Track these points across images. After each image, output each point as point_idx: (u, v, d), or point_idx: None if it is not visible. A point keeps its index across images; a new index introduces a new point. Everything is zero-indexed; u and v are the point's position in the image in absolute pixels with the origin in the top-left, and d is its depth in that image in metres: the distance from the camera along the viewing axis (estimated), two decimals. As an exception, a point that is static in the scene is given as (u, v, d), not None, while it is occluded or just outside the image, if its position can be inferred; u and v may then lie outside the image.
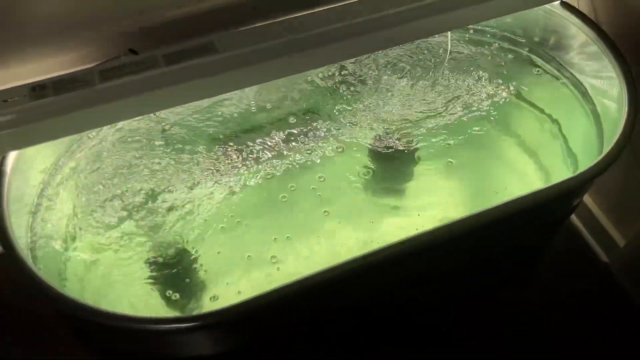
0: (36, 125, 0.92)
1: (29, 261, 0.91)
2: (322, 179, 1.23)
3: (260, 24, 1.08)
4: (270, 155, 1.24)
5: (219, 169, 1.21)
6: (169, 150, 1.21)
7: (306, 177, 1.23)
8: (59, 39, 1.12)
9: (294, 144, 1.26)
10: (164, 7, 1.15)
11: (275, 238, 1.15)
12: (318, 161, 1.25)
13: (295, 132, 1.28)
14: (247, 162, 1.23)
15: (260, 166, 1.23)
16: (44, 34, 1.10)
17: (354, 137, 1.27)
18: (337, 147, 1.26)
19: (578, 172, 1.01)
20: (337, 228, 1.17)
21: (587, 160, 1.08)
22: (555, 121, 1.30)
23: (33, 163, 1.10)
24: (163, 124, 1.24)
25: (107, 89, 0.95)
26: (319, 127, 1.29)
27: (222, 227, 1.15)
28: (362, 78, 1.34)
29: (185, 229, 1.13)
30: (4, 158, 0.98)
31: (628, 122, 1.04)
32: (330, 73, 1.34)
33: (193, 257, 1.12)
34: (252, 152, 1.24)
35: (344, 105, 1.31)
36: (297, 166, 1.24)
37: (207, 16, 1.19)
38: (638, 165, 1.35)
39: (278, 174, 1.23)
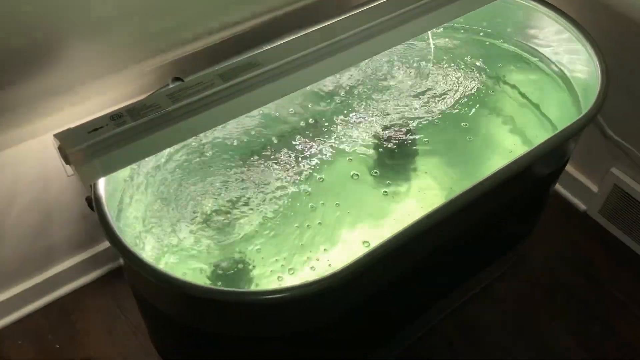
0: (125, 148, 1.03)
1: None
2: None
3: (289, 39, 1.23)
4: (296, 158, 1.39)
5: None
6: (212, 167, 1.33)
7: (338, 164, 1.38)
8: (112, 76, 1.23)
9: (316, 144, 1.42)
10: (202, 36, 1.29)
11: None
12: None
13: (312, 135, 1.43)
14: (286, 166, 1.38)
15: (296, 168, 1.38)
16: (99, 74, 1.21)
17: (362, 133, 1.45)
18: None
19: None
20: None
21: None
22: (536, 104, 1.51)
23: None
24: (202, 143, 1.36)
25: (178, 109, 1.08)
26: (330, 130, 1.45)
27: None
28: (360, 82, 1.52)
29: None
30: (96, 184, 1.07)
31: (603, 86, 1.26)
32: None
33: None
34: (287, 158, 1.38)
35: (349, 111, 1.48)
36: (323, 160, 1.40)
37: (234, 40, 1.34)
38: (596, 124, 1.61)
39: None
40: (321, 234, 1.27)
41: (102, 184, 1.07)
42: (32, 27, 1.06)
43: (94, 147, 1.02)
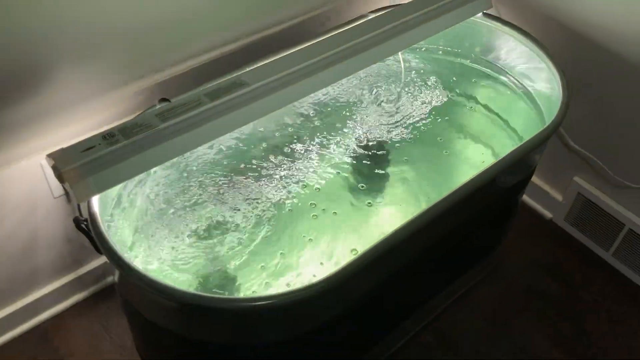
0: (117, 166, 1.06)
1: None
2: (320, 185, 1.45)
3: (272, 59, 1.28)
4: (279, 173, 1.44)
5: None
6: (195, 182, 1.37)
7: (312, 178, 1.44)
8: (100, 99, 1.26)
9: (299, 160, 1.47)
10: (186, 59, 1.33)
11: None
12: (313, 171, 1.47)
13: (296, 150, 1.48)
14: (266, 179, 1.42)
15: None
16: (87, 97, 1.24)
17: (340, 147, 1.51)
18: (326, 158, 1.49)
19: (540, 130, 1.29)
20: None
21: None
22: (504, 119, 1.60)
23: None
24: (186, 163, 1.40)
25: (168, 128, 1.11)
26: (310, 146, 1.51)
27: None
28: (339, 103, 1.59)
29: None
30: (90, 201, 1.10)
31: (564, 100, 1.35)
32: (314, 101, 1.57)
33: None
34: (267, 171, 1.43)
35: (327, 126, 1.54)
36: (301, 176, 1.45)
37: (217, 62, 1.39)
38: (559, 136, 1.71)
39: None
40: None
41: (95, 201, 1.09)
42: (21, 53, 1.09)
43: (87, 166, 1.04)
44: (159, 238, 1.27)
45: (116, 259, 1.01)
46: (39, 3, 1.03)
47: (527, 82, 1.55)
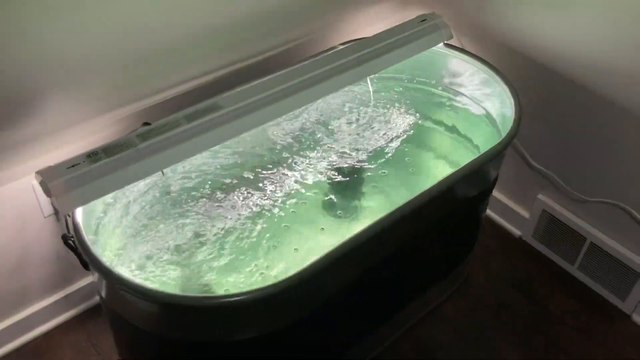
0: (99, 181, 1.16)
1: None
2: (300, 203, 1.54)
3: (246, 86, 1.40)
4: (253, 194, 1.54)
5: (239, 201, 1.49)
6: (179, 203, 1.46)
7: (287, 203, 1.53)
8: (86, 124, 1.37)
9: (272, 185, 1.56)
10: (172, 86, 1.46)
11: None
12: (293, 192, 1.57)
13: (274, 174, 1.58)
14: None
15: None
16: (74, 122, 1.35)
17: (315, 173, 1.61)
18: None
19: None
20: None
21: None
22: (467, 138, 1.71)
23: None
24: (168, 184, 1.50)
25: (147, 147, 1.22)
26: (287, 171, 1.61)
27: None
28: (311, 130, 1.70)
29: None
30: (73, 213, 1.19)
31: (516, 117, 1.46)
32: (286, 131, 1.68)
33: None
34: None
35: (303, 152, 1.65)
36: (278, 197, 1.55)
37: (197, 90, 1.51)
38: (521, 156, 1.81)
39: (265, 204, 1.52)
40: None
41: (79, 212, 1.18)
42: (11, 82, 1.19)
43: (72, 181, 1.15)
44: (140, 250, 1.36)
45: (98, 264, 1.10)
46: (27, 36, 1.16)
47: (487, 104, 1.66)
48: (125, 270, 1.33)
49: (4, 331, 1.54)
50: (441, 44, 1.68)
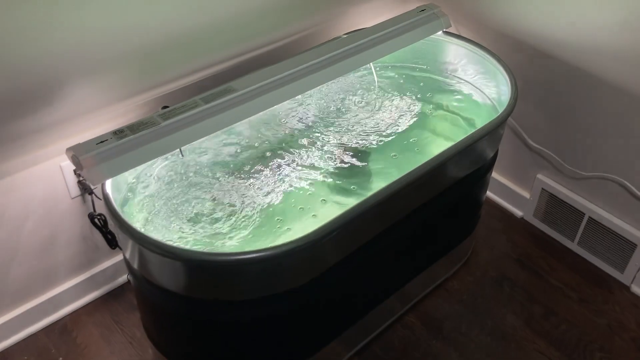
0: (126, 155, 1.26)
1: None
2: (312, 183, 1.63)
3: (258, 71, 1.50)
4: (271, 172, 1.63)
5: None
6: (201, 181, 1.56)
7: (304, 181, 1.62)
8: (110, 108, 1.48)
9: (284, 167, 1.66)
10: (190, 74, 1.57)
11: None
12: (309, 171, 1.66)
13: (290, 154, 1.68)
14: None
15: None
16: (97, 107, 1.46)
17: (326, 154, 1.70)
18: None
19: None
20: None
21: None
22: (467, 119, 1.80)
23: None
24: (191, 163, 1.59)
25: (168, 125, 1.32)
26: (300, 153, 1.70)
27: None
28: (317, 114, 1.79)
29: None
30: (103, 184, 1.29)
31: (513, 95, 1.55)
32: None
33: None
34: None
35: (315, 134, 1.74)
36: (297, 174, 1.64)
37: (212, 78, 1.61)
38: (520, 138, 1.90)
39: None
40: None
41: (108, 184, 1.28)
42: (38, 70, 1.31)
43: (101, 155, 1.25)
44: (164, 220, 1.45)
45: (127, 227, 1.19)
46: (53, 28, 1.27)
47: (485, 88, 1.76)
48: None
49: (33, 310, 1.63)
50: (440, 32, 1.78)
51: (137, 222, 1.43)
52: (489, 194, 2.10)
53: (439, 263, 1.77)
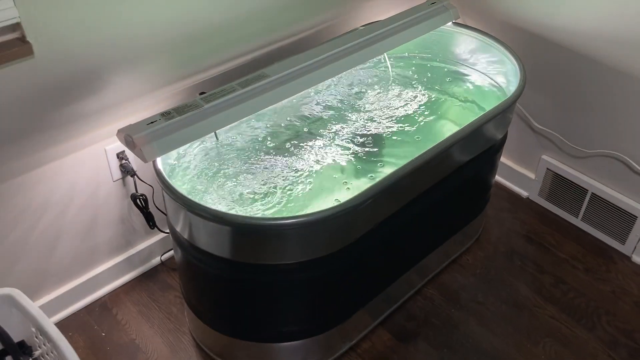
0: (175, 134, 1.36)
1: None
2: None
3: (289, 58, 1.62)
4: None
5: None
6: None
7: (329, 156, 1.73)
8: (150, 95, 1.59)
9: (310, 150, 1.77)
10: (223, 63, 1.69)
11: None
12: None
13: (310, 142, 1.79)
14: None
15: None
16: (137, 95, 1.57)
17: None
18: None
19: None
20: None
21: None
22: (479, 105, 1.93)
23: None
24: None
25: (210, 107, 1.43)
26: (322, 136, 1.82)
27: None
28: (338, 102, 1.91)
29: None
30: (155, 161, 1.39)
31: (522, 76, 1.68)
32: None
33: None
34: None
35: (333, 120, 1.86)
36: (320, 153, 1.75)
37: (244, 67, 1.73)
38: (525, 121, 2.03)
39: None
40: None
41: (159, 161, 1.39)
42: (82, 60, 1.42)
43: (152, 134, 1.36)
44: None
45: (178, 195, 1.30)
46: (93, 21, 1.38)
47: (494, 74, 1.89)
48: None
49: (76, 289, 1.73)
50: (450, 23, 1.91)
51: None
52: (496, 176, 2.23)
53: (453, 240, 1.89)
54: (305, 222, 1.30)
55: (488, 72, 1.93)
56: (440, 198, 1.66)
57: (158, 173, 1.37)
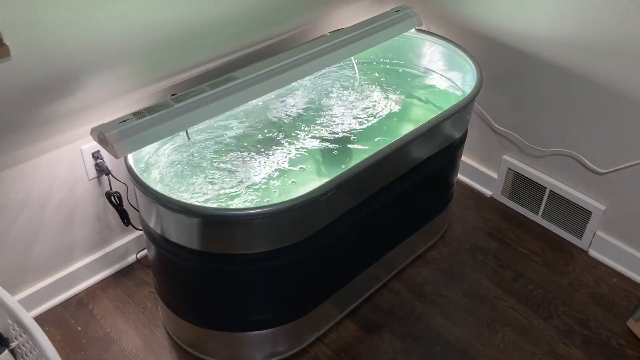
0: (146, 132, 1.44)
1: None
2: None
3: (256, 63, 1.70)
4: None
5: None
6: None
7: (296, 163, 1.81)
8: (124, 97, 1.67)
9: (279, 150, 1.85)
10: (195, 67, 1.77)
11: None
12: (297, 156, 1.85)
13: (280, 142, 1.87)
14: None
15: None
16: (112, 96, 1.64)
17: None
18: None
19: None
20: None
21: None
22: (438, 106, 2.02)
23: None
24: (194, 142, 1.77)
25: (180, 107, 1.51)
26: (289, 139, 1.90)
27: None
28: (307, 104, 2.00)
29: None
30: (126, 157, 1.46)
31: (478, 77, 1.78)
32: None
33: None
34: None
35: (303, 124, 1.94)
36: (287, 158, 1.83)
37: (215, 71, 1.81)
38: (486, 123, 2.13)
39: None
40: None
41: (130, 157, 1.46)
42: (58, 62, 1.50)
43: (124, 132, 1.43)
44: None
45: (149, 189, 1.37)
46: (69, 25, 1.46)
47: (454, 77, 1.99)
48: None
49: (52, 285, 1.78)
50: (413, 30, 2.01)
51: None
52: (461, 176, 2.32)
53: (418, 236, 1.97)
54: (269, 211, 1.37)
55: (449, 76, 2.03)
56: (401, 193, 1.75)
57: (129, 169, 1.45)
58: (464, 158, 2.28)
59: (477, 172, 2.26)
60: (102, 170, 1.70)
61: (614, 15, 1.68)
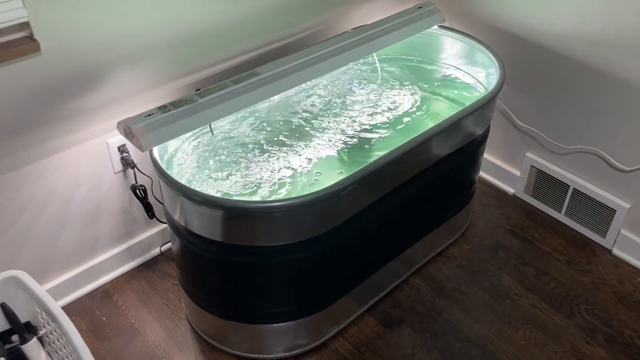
0: (171, 126, 1.46)
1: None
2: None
3: (279, 59, 1.72)
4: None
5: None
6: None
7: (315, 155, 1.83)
8: (150, 92, 1.70)
9: (301, 144, 1.86)
10: (219, 63, 1.79)
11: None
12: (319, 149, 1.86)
13: (301, 136, 1.88)
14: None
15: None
16: (137, 91, 1.67)
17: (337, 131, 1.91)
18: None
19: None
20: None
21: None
22: (461, 103, 2.02)
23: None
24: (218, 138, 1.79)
25: (204, 102, 1.53)
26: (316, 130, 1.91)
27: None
28: (330, 100, 2.01)
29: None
30: (151, 150, 1.49)
31: (501, 72, 1.78)
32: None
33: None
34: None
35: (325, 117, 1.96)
36: (303, 151, 1.84)
37: (238, 67, 1.83)
38: (509, 120, 2.12)
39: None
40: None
41: (156, 150, 1.48)
42: (85, 57, 1.53)
43: (149, 125, 1.46)
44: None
45: (173, 182, 1.39)
46: (97, 21, 1.49)
47: (477, 73, 1.98)
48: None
49: (78, 276, 1.83)
50: (436, 26, 2.01)
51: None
52: (483, 174, 2.32)
53: (439, 233, 1.97)
54: (291, 204, 1.39)
55: (471, 73, 2.02)
56: (422, 189, 1.75)
57: (154, 161, 1.47)
58: (486, 155, 2.27)
59: (500, 169, 2.25)
60: (127, 163, 1.73)
61: (640, 11, 1.66)
